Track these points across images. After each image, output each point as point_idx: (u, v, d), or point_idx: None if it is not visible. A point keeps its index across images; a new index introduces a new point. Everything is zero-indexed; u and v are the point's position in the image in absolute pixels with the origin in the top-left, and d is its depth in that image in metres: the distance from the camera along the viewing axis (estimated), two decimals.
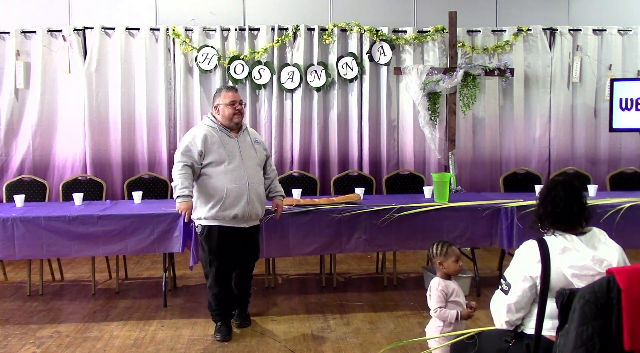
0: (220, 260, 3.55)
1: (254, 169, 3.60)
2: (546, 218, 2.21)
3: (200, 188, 3.51)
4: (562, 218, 2.18)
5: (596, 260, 2.05)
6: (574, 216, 2.18)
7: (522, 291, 2.13)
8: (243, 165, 3.52)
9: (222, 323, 3.63)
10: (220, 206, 3.45)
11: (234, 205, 3.46)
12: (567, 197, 2.19)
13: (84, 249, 3.99)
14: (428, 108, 5.79)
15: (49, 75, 5.81)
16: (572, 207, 2.18)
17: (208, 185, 3.48)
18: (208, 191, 3.48)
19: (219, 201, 3.45)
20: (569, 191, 2.21)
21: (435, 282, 2.83)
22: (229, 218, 3.48)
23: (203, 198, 3.50)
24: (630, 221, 4.09)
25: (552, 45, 6.23)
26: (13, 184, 5.05)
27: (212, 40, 5.94)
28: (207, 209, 3.48)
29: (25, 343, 3.53)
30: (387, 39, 6.03)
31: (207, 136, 3.50)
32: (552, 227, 2.20)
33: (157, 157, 5.96)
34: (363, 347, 3.46)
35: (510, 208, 4.15)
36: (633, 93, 5.70)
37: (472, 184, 6.17)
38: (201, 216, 3.51)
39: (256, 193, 3.55)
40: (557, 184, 2.24)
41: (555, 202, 2.19)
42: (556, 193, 2.22)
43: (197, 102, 5.94)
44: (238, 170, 3.49)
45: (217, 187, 3.46)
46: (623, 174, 5.51)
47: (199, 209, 3.51)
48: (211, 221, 3.50)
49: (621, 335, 1.86)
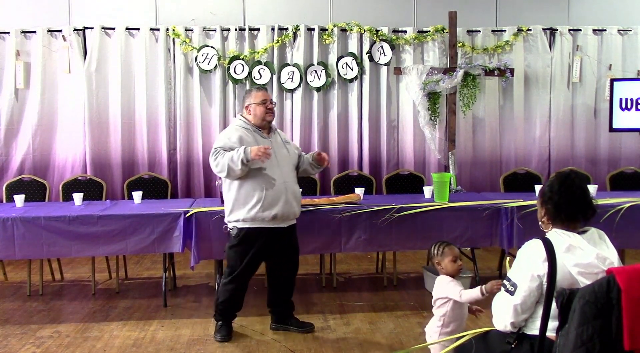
0: (251, 260, 3.51)
1: (288, 168, 3.57)
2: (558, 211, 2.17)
3: (239, 189, 3.44)
4: (570, 212, 2.15)
5: (600, 258, 2.04)
6: (581, 212, 2.16)
7: (529, 291, 2.10)
8: (278, 165, 3.48)
9: (224, 323, 3.62)
10: (260, 207, 3.40)
11: (273, 205, 3.41)
12: (582, 189, 2.17)
13: (84, 249, 3.99)
14: (428, 108, 5.79)
15: (49, 75, 5.81)
16: (584, 201, 2.16)
17: (246, 186, 3.42)
18: (247, 192, 3.42)
19: (258, 201, 3.39)
20: (584, 182, 2.20)
21: (441, 278, 2.83)
22: (268, 219, 3.43)
23: (242, 199, 3.43)
24: (630, 221, 4.09)
25: (552, 45, 6.24)
26: (13, 184, 5.05)
27: (212, 40, 5.94)
28: (247, 211, 3.42)
29: (25, 343, 3.53)
30: (387, 39, 6.03)
31: (242, 137, 3.45)
32: (553, 225, 2.19)
33: (157, 157, 5.96)
34: (363, 347, 3.46)
35: (510, 208, 4.15)
36: (633, 93, 5.70)
37: (472, 184, 6.17)
38: (239, 218, 3.44)
39: (292, 192, 3.52)
40: (569, 177, 2.21)
41: (570, 192, 2.16)
42: (571, 182, 2.18)
43: (197, 102, 5.94)
44: (274, 170, 3.45)
45: (256, 188, 3.41)
46: (623, 174, 5.51)
47: (237, 211, 3.45)
48: (250, 223, 3.44)
49: (621, 335, 1.86)
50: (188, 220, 3.98)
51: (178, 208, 4.10)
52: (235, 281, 3.55)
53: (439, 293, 2.81)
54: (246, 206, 3.42)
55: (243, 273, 3.54)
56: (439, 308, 2.81)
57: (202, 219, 4.00)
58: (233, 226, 3.50)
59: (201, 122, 5.95)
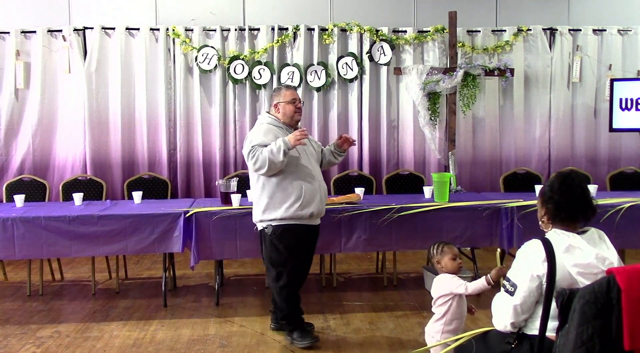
0: (296, 259, 3.45)
1: (317, 166, 3.58)
2: (558, 210, 2.16)
3: (276, 187, 3.38)
4: (570, 212, 2.15)
5: (599, 258, 2.04)
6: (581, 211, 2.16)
7: (529, 291, 2.10)
8: (310, 163, 3.47)
9: (302, 329, 3.50)
10: (299, 205, 3.35)
11: (310, 203, 3.39)
12: (582, 188, 2.17)
13: (84, 249, 3.99)
14: (428, 108, 5.79)
15: (49, 75, 5.81)
16: (585, 200, 2.16)
17: (284, 184, 3.37)
18: (284, 190, 3.37)
19: (297, 199, 3.35)
20: (584, 182, 2.20)
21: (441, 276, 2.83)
22: (306, 217, 3.39)
23: (279, 197, 3.37)
24: (630, 221, 4.09)
25: (552, 45, 6.24)
26: (13, 184, 5.05)
27: (212, 40, 5.94)
28: (285, 209, 3.36)
29: (25, 343, 3.53)
30: (387, 39, 6.03)
31: (275, 134, 3.41)
32: (553, 224, 2.19)
33: (157, 157, 5.96)
34: (363, 347, 3.46)
35: (510, 208, 4.15)
36: (633, 93, 5.70)
37: (472, 184, 6.17)
38: (276, 217, 3.37)
39: (323, 190, 3.52)
40: (569, 176, 2.21)
41: (571, 192, 2.16)
42: (571, 181, 2.18)
43: (197, 102, 5.94)
44: (309, 168, 3.44)
45: (294, 185, 3.36)
46: (623, 174, 5.52)
47: (274, 210, 3.38)
48: (287, 220, 3.38)
49: (621, 335, 1.86)
50: (188, 220, 3.98)
51: (178, 208, 4.10)
52: (291, 283, 3.47)
53: (440, 291, 2.81)
54: (284, 205, 3.36)
55: (295, 272, 3.46)
56: (440, 307, 2.81)
57: (202, 220, 4.00)
58: (267, 225, 3.42)
59: (201, 122, 5.95)
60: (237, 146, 5.97)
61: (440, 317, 2.80)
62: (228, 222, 4.01)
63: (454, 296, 2.76)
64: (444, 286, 2.79)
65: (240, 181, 4.36)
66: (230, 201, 4.14)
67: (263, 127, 3.49)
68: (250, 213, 3.62)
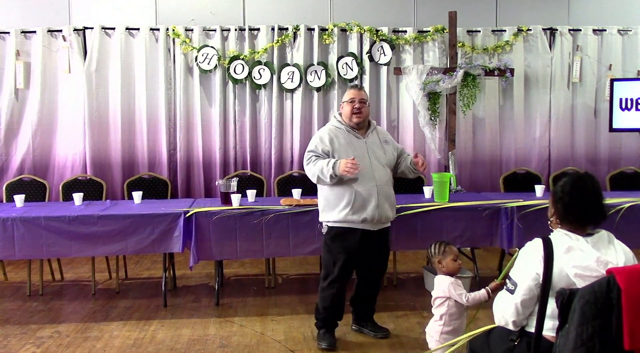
0: (344, 262, 3.40)
1: (383, 170, 3.42)
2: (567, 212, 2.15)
3: (330, 190, 3.38)
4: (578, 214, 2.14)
5: (600, 262, 2.03)
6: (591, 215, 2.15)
7: (528, 289, 2.11)
8: (371, 167, 3.36)
9: (326, 331, 3.49)
10: (350, 210, 3.31)
11: (363, 208, 3.31)
12: (594, 192, 2.16)
13: (84, 249, 3.99)
14: (428, 108, 5.79)
15: (49, 75, 5.80)
16: (595, 205, 2.15)
17: (337, 187, 3.34)
18: (337, 194, 3.35)
19: (348, 204, 3.31)
20: (597, 185, 2.18)
21: (440, 278, 2.83)
22: (358, 221, 3.34)
23: (332, 200, 3.37)
24: (630, 221, 4.08)
25: (552, 45, 6.23)
26: (13, 184, 5.05)
27: (212, 40, 5.94)
28: (337, 212, 3.35)
29: (25, 343, 3.53)
30: (387, 39, 6.03)
31: (333, 138, 3.39)
32: (561, 225, 2.18)
33: (157, 157, 5.95)
34: (363, 347, 3.46)
35: (510, 208, 4.14)
36: (633, 93, 5.69)
37: (472, 184, 6.17)
38: (331, 219, 3.39)
39: (385, 195, 3.38)
40: (582, 179, 2.19)
41: (581, 195, 2.15)
42: (583, 184, 2.17)
43: (197, 102, 5.94)
44: (366, 172, 3.32)
45: (346, 189, 3.31)
46: (623, 174, 5.52)
47: (329, 211, 3.39)
48: (341, 223, 3.36)
49: (621, 335, 1.86)
50: (188, 220, 3.98)
51: (178, 208, 4.10)
52: (332, 285, 3.44)
53: (438, 293, 2.81)
54: (336, 208, 3.35)
55: (341, 275, 3.44)
56: (439, 308, 2.81)
57: (202, 220, 4.00)
58: (324, 225, 3.46)
59: (201, 122, 5.94)
60: (237, 146, 5.97)
61: (439, 318, 2.80)
62: (228, 222, 4.01)
63: (450, 297, 2.77)
64: (442, 289, 2.79)
65: (240, 181, 4.36)
66: (230, 201, 4.13)
67: (324, 130, 3.49)
68: (250, 213, 3.62)
